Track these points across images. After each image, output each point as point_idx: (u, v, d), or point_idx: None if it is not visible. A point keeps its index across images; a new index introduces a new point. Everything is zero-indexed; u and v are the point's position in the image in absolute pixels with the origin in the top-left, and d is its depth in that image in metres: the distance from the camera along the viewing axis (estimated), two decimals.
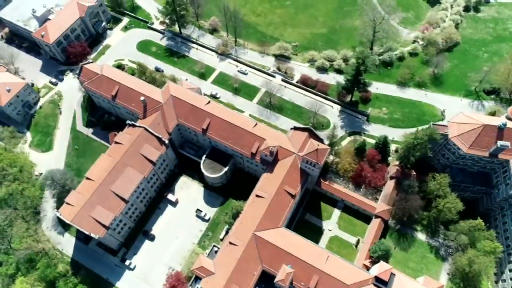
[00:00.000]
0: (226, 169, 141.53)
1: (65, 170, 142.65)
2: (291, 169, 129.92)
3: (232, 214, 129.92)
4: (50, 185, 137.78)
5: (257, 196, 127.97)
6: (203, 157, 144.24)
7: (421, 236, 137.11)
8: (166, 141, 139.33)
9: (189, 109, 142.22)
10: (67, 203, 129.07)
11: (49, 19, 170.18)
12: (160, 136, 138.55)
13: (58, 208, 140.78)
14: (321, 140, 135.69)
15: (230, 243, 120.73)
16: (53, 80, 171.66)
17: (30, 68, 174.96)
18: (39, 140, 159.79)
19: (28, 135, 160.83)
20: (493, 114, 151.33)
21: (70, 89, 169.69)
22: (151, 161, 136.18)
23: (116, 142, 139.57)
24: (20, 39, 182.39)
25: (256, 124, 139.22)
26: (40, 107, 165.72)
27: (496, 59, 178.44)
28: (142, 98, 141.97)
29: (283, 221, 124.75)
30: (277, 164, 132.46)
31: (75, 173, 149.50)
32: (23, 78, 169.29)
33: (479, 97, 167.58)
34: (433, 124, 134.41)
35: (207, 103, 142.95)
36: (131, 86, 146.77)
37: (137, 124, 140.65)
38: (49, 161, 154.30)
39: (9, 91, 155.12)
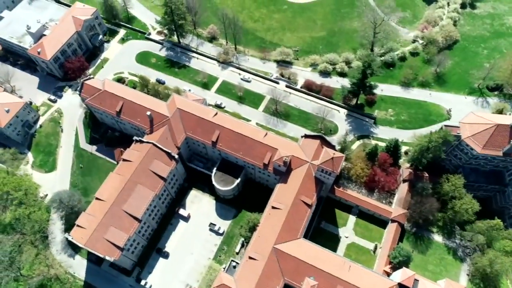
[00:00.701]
0: (238, 181, 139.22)
1: (72, 191, 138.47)
2: (305, 178, 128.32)
3: (248, 227, 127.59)
4: (58, 207, 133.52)
5: (273, 207, 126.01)
6: (214, 170, 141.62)
7: (437, 238, 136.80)
8: (176, 156, 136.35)
9: (197, 121, 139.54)
10: (78, 226, 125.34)
11: (45, 35, 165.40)
12: (169, 151, 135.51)
13: (67, 230, 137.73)
14: (333, 147, 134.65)
15: (250, 257, 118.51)
16: (52, 97, 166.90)
17: (27, 86, 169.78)
18: (42, 160, 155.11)
19: (30, 156, 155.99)
20: (500, 111, 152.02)
21: (70, 105, 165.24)
22: (161, 177, 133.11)
23: (124, 160, 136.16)
24: (14, 56, 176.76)
25: (266, 134, 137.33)
26: (41, 126, 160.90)
27: (496, 55, 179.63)
28: (148, 113, 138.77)
29: (301, 232, 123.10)
30: (290, 174, 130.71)
31: (81, 193, 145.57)
32: (21, 97, 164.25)
33: (483, 94, 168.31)
34: (445, 125, 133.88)
35: (214, 115, 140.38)
36: (135, 101, 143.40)
37: (144, 140, 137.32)
38: (54, 182, 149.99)
39: (8, 111, 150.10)
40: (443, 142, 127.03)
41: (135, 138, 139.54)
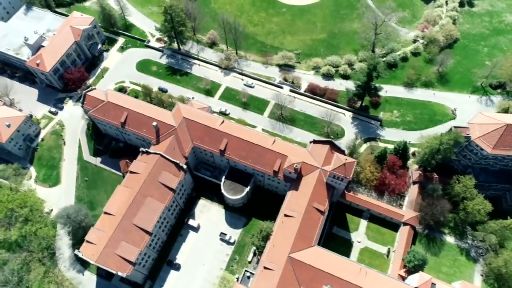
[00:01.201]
0: (248, 189, 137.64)
1: (79, 206, 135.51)
2: (317, 184, 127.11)
3: (261, 236, 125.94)
4: (65, 223, 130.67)
5: (285, 215, 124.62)
6: (223, 179, 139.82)
7: (449, 239, 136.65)
8: (184, 166, 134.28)
9: (204, 130, 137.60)
10: (87, 242, 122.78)
11: (43, 46, 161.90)
12: (177, 161, 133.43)
13: (74, 245, 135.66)
14: (342, 152, 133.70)
15: (265, 267, 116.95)
16: (53, 109, 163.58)
17: (26, 99, 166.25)
18: (45, 175, 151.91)
19: (32, 170, 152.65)
20: (506, 110, 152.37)
21: (72, 117, 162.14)
22: (171, 189, 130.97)
23: (132, 172, 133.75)
24: (12, 68, 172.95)
25: (274, 141, 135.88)
26: (42, 139, 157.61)
27: (496, 53, 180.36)
28: (154, 123, 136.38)
29: (315, 239, 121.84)
30: (301, 181, 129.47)
31: (88, 206, 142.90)
32: (20, 110, 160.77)
33: (486, 93, 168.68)
34: (454, 127, 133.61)
35: (221, 123, 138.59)
36: (140, 111, 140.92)
37: (151, 151, 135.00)
38: (58, 196, 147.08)
39: (9, 126, 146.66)
40: (454, 144, 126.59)
41: (141, 149, 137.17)
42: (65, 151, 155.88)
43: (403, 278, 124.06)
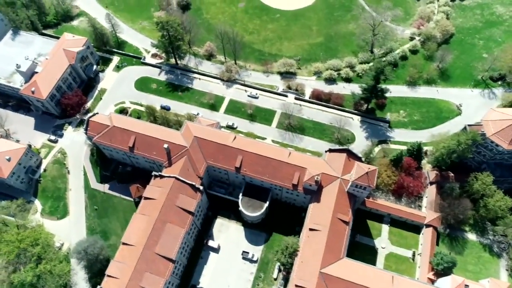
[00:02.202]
0: (267, 204, 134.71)
1: (94, 238, 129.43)
2: (339, 195, 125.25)
3: (288, 253, 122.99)
4: (82, 258, 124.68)
5: (310, 229, 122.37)
6: (240, 196, 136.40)
7: (471, 236, 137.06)
8: (201, 187, 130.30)
9: (217, 148, 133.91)
10: (109, 276, 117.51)
11: (36, 72, 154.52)
12: (193, 183, 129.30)
13: (91, 279, 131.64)
14: (359, 159, 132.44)
15: (297, 286, 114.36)
16: (52, 137, 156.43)
17: (23, 128, 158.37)
18: (51, 207, 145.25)
19: (37, 203, 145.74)
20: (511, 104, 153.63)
21: (74, 144, 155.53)
22: (189, 212, 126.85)
23: (146, 198, 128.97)
24: (4, 97, 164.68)
25: (290, 153, 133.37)
26: (45, 170, 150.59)
27: (491, 45, 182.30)
28: (165, 145, 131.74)
29: (344, 251, 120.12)
30: (322, 192, 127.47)
31: (101, 236, 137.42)
32: (17, 141, 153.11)
33: (488, 86, 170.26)
34: (468, 125, 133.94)
35: (233, 139, 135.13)
36: (148, 134, 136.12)
37: (165, 174, 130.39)
38: (68, 228, 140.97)
39: (9, 160, 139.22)
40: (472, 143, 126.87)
41: (154, 173, 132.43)
42: (70, 180, 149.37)
43: (432, 282, 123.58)
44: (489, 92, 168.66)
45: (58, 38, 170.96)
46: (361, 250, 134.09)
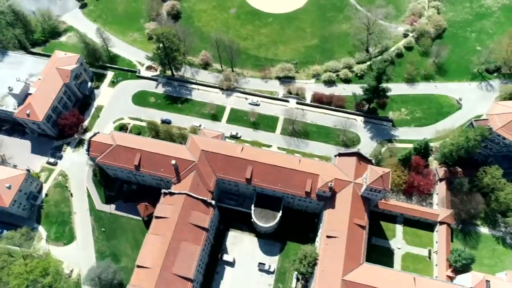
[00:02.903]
0: (280, 214, 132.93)
1: (107, 263, 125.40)
2: (353, 199, 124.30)
3: (307, 262, 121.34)
4: (96, 285, 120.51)
5: (328, 237, 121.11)
6: (252, 207, 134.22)
7: (483, 230, 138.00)
8: (213, 202, 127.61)
9: (226, 161, 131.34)
10: None
11: (30, 94, 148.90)
12: (205, 198, 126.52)
13: None
14: (370, 161, 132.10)
15: None
16: (51, 159, 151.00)
17: (19, 152, 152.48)
18: (57, 232, 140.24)
19: (42, 230, 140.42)
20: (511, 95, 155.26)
21: (74, 165, 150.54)
22: (203, 228, 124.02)
23: (158, 217, 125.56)
24: None
25: (300, 160, 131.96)
26: (46, 195, 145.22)
27: (483, 37, 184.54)
28: (173, 161, 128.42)
29: (363, 256, 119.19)
30: (336, 198, 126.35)
31: (111, 259, 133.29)
32: (15, 166, 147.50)
33: (484, 78, 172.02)
34: (474, 120, 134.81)
35: (241, 150, 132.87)
36: (154, 150, 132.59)
37: (175, 191, 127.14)
38: (76, 253, 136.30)
39: (9, 187, 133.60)
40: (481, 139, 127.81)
41: (163, 191, 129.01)
42: (74, 203, 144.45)
43: (451, 279, 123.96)
44: (486, 84, 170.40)
45: (48, 56, 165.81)
46: (378, 252, 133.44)
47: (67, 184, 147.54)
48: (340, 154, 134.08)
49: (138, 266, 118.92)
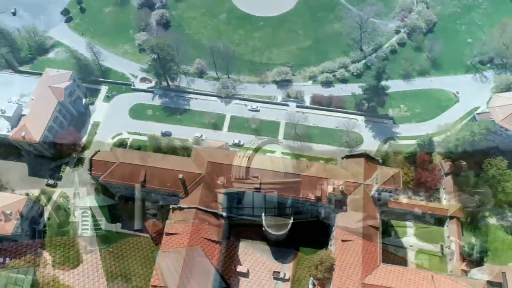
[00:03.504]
0: (291, 220, 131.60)
1: (120, 283, 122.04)
2: (365, 201, 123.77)
3: (324, 268, 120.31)
4: None
5: (343, 241, 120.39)
6: (263, 215, 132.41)
7: (492, 221, 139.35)
8: (224, 214, 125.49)
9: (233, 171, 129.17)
10: None
11: (24, 115, 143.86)
12: (215, 211, 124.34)
13: None
14: (378, 162, 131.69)
15: None
16: (50, 181, 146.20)
17: (16, 176, 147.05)
18: (62, 256, 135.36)
19: (46, 255, 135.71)
20: (508, 86, 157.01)
21: (75, 185, 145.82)
22: (216, 242, 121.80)
23: (168, 233, 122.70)
24: None
25: (307, 165, 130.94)
26: (49, 218, 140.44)
27: (473, 29, 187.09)
28: (180, 176, 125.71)
29: (380, 257, 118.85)
30: (347, 201, 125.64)
31: (122, 279, 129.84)
32: (13, 191, 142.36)
33: (478, 70, 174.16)
34: (476, 114, 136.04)
35: (248, 158, 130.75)
36: (159, 165, 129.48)
37: (185, 206, 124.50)
38: (85, 277, 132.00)
39: (11, 214, 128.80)
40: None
41: (172, 206, 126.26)
42: (78, 224, 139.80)
43: (466, 272, 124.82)
44: (481, 76, 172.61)
45: (38, 74, 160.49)
46: (391, 251, 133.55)
47: (69, 205, 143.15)
48: (347, 156, 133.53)
49: (153, 286, 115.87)
